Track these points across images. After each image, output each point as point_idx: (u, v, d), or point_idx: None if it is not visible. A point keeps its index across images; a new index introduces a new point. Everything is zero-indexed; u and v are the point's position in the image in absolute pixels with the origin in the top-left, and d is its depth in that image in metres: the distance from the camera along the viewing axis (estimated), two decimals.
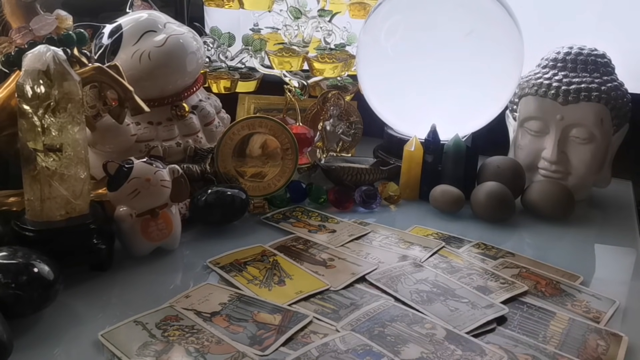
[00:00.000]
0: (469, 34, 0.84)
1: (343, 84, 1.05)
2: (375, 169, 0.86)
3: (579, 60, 0.84)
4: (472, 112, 0.90)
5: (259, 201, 0.79)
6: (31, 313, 0.51)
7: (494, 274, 0.63)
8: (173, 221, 0.66)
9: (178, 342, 0.49)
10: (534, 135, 0.86)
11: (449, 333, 0.52)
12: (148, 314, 0.53)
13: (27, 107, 0.56)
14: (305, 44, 1.01)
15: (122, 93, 0.67)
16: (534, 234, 0.77)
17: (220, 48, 1.04)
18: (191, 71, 0.81)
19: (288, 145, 0.80)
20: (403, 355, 0.48)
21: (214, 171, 0.78)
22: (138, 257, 0.65)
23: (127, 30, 0.77)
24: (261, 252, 0.67)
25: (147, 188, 0.62)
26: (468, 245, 0.71)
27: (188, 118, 0.81)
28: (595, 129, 0.81)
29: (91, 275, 0.61)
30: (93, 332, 0.50)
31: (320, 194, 0.82)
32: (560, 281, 0.63)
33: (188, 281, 0.61)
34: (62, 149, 0.57)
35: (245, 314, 0.54)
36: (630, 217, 0.84)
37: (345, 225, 0.76)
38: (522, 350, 0.50)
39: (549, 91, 0.83)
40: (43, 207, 0.58)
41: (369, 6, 1.01)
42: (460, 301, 0.57)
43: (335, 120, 0.95)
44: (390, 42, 0.88)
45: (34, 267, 0.50)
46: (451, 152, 0.83)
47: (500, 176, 0.81)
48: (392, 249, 0.69)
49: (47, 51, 0.57)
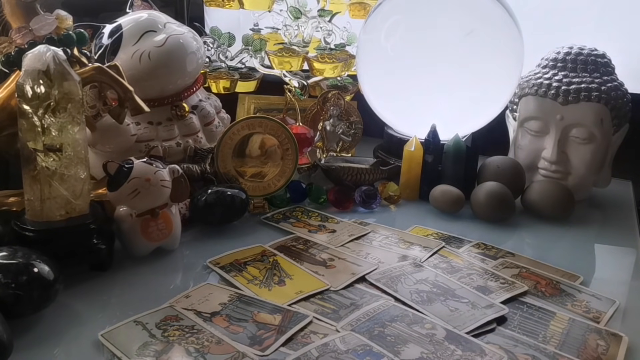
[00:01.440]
0: (469, 34, 0.84)
1: (343, 84, 1.05)
2: (375, 169, 0.86)
3: (579, 60, 0.84)
4: (472, 112, 0.90)
5: (259, 201, 0.80)
6: (31, 313, 0.51)
7: (494, 274, 0.63)
8: (173, 221, 0.66)
9: (178, 342, 0.49)
10: (534, 135, 0.86)
11: (449, 333, 0.52)
12: (148, 314, 0.53)
13: (27, 107, 0.56)
14: (305, 44, 1.01)
15: (122, 93, 0.67)
16: (534, 234, 0.77)
17: (220, 48, 1.04)
18: (191, 71, 0.81)
19: (288, 145, 0.80)
20: (403, 356, 0.48)
21: (214, 171, 0.78)
22: (138, 257, 0.65)
23: (127, 30, 0.77)
24: (261, 252, 0.67)
25: (147, 188, 0.62)
26: (468, 245, 0.71)
27: (188, 118, 0.81)
28: (595, 129, 0.81)
29: (91, 275, 0.61)
30: (93, 332, 0.51)
31: (320, 194, 0.82)
32: (560, 281, 0.63)
33: (188, 281, 0.61)
34: (62, 149, 0.57)
35: (245, 314, 0.54)
36: (630, 217, 0.84)
37: (345, 225, 0.76)
38: (522, 350, 0.50)
39: (549, 91, 0.83)
40: (43, 207, 0.58)
41: (369, 6, 1.01)
42: (460, 301, 0.57)
43: (335, 120, 0.95)
44: (390, 42, 0.88)
45: (34, 267, 0.50)
46: (451, 152, 0.83)
47: (500, 176, 0.81)
48: (392, 249, 0.69)
49: (47, 51, 0.57)
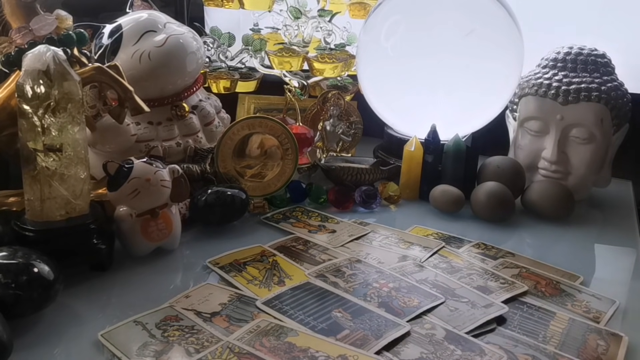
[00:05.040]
0: (469, 34, 0.84)
1: (343, 84, 1.05)
2: (375, 169, 0.86)
3: (579, 60, 0.84)
4: (472, 112, 0.90)
5: (259, 201, 0.79)
6: (31, 313, 0.51)
7: (494, 274, 0.63)
8: (173, 221, 0.66)
9: (178, 342, 0.49)
10: (534, 135, 0.86)
11: (448, 333, 0.52)
12: (148, 314, 0.53)
13: (27, 107, 0.56)
14: (305, 44, 1.01)
15: (122, 93, 0.67)
16: (534, 234, 0.77)
17: (220, 48, 1.04)
18: (191, 71, 0.81)
19: (288, 145, 0.80)
20: (403, 356, 0.48)
21: (214, 171, 0.78)
22: (138, 257, 0.65)
23: (127, 30, 0.77)
24: (261, 252, 0.67)
25: (147, 188, 0.62)
26: (468, 245, 0.71)
27: (188, 118, 0.81)
28: (595, 129, 0.81)
29: (91, 275, 0.61)
30: (93, 332, 0.50)
31: (320, 194, 0.82)
32: (560, 281, 0.63)
33: (188, 281, 0.61)
34: (62, 149, 0.57)
35: (245, 314, 0.54)
36: (630, 217, 0.84)
37: (345, 225, 0.76)
38: (522, 350, 0.50)
39: (549, 91, 0.83)
40: (43, 207, 0.58)
41: (369, 6, 1.01)
42: (460, 301, 0.57)
43: (335, 120, 0.95)
44: (390, 42, 0.88)
45: (34, 267, 0.50)
46: (451, 152, 0.83)
47: (500, 176, 0.81)
48: (392, 249, 0.69)
49: (47, 51, 0.57)
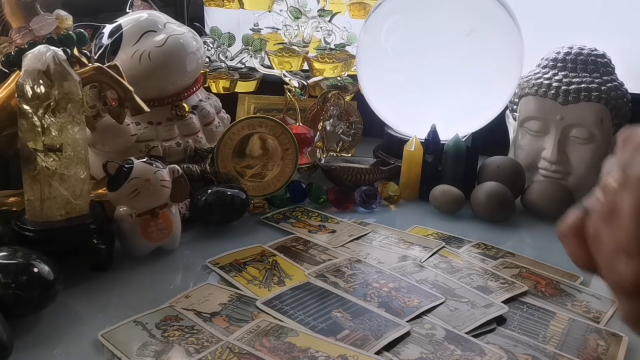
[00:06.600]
0: (469, 34, 0.84)
1: (343, 84, 1.05)
2: (375, 169, 0.86)
3: (579, 60, 0.84)
4: (472, 112, 0.90)
5: (259, 201, 0.79)
6: (31, 313, 0.51)
7: (494, 274, 0.63)
8: (173, 221, 0.66)
9: (178, 342, 0.49)
10: (534, 135, 0.86)
11: (448, 333, 0.52)
12: (148, 314, 0.53)
13: (27, 107, 0.56)
14: (305, 44, 1.01)
15: (122, 93, 0.67)
16: (534, 234, 0.77)
17: (220, 48, 1.04)
18: (191, 71, 0.81)
19: (288, 145, 0.80)
20: (403, 356, 0.48)
21: (214, 171, 0.78)
22: (138, 257, 0.65)
23: (127, 30, 0.77)
24: (261, 252, 0.67)
25: (147, 188, 0.62)
26: (468, 245, 0.71)
27: (188, 118, 0.81)
28: (595, 129, 0.81)
29: (91, 275, 0.61)
30: (93, 332, 0.50)
31: (320, 194, 0.82)
32: (560, 281, 0.63)
33: (188, 281, 0.61)
34: (62, 149, 0.57)
35: (245, 314, 0.54)
36: None
37: (345, 225, 0.76)
38: (522, 350, 0.50)
39: (549, 91, 0.83)
40: (43, 207, 0.58)
41: (369, 6, 1.01)
42: (460, 301, 0.57)
43: (335, 120, 0.95)
44: (390, 42, 0.88)
45: (34, 267, 0.50)
46: (451, 152, 0.83)
47: (500, 176, 0.81)
48: (392, 249, 0.69)
49: (47, 51, 0.57)
